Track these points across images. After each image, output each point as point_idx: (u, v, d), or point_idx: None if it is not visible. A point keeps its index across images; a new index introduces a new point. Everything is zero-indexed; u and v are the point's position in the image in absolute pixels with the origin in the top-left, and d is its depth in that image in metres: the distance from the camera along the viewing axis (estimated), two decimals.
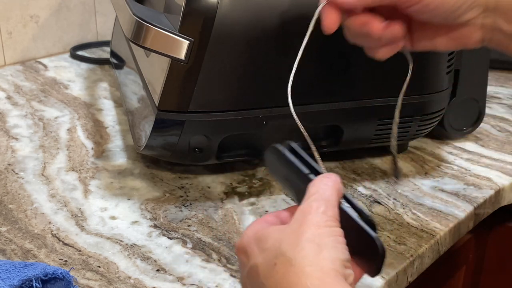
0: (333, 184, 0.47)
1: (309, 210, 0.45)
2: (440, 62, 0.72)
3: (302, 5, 0.65)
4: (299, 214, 0.45)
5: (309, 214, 0.45)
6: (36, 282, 0.51)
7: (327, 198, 0.46)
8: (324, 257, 0.43)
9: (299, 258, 0.43)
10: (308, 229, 0.44)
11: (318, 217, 0.45)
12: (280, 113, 0.68)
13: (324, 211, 0.45)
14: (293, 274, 0.43)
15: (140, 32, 0.63)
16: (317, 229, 0.44)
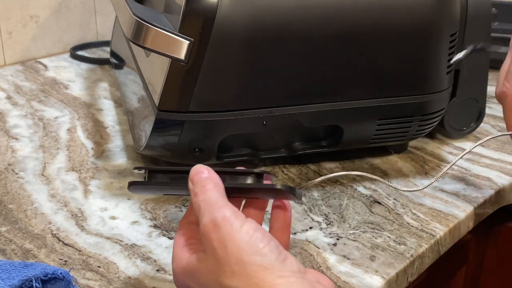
0: (212, 186, 0.48)
1: (209, 230, 0.46)
2: (440, 62, 0.72)
3: (302, 5, 0.65)
4: (207, 241, 0.46)
5: (214, 234, 0.45)
6: (36, 282, 0.51)
7: (211, 202, 0.47)
8: (253, 267, 0.44)
9: (243, 283, 0.44)
10: (225, 250, 0.45)
11: (224, 232, 0.45)
12: (280, 113, 0.68)
13: (223, 219, 0.46)
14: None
15: (140, 32, 0.63)
16: (234, 243, 0.45)
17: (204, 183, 0.48)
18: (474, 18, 0.76)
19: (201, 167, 0.49)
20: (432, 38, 0.70)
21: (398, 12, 0.68)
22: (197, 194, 0.48)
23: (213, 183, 0.48)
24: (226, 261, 0.45)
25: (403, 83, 0.71)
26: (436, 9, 0.70)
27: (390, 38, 0.69)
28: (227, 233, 0.45)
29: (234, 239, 0.45)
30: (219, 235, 0.45)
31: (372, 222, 0.66)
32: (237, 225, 0.45)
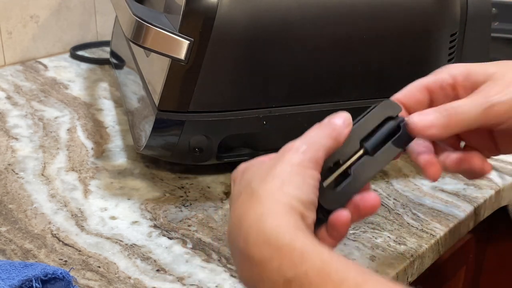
0: (330, 132, 0.47)
1: (290, 148, 0.45)
2: (440, 62, 0.72)
3: (302, 5, 0.65)
4: (281, 151, 0.45)
5: (288, 152, 0.45)
6: (36, 282, 0.51)
7: (314, 140, 0.46)
8: (284, 191, 0.43)
9: (261, 190, 0.43)
10: (280, 165, 0.44)
11: (295, 156, 0.45)
12: (280, 113, 0.68)
13: (304, 152, 0.45)
14: (250, 202, 0.42)
15: (140, 32, 0.63)
16: (288, 166, 0.44)
17: (332, 131, 0.47)
18: (474, 18, 0.76)
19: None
20: (432, 38, 0.70)
21: (398, 12, 0.68)
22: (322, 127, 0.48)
23: (334, 138, 0.47)
24: (270, 168, 0.44)
25: (403, 83, 0.71)
26: (436, 9, 0.70)
27: (390, 38, 0.69)
28: (291, 161, 0.44)
29: (291, 171, 0.44)
30: (289, 157, 0.45)
31: (372, 222, 0.66)
32: (308, 171, 0.44)
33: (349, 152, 0.49)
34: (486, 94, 0.50)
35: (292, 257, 0.38)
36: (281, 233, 0.40)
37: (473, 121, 0.50)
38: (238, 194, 0.45)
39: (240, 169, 0.48)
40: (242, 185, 0.45)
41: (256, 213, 0.41)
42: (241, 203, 0.43)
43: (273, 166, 0.44)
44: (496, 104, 0.49)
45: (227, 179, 0.74)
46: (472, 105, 0.50)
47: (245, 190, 0.44)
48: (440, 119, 0.49)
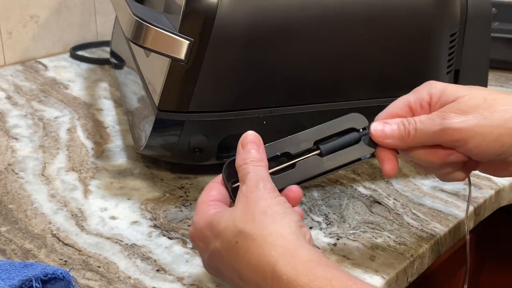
0: (258, 162, 0.52)
1: (250, 190, 0.49)
2: (440, 62, 0.72)
3: (302, 5, 0.65)
4: (242, 196, 0.49)
5: (251, 193, 0.49)
6: (36, 282, 0.51)
7: (260, 175, 0.50)
8: (280, 223, 0.47)
9: (258, 231, 0.46)
10: (256, 204, 0.48)
11: (260, 193, 0.49)
12: (280, 113, 0.68)
13: (264, 186, 0.49)
14: (257, 246, 0.46)
15: (140, 32, 0.63)
16: (264, 202, 0.48)
17: (259, 161, 0.52)
18: (474, 18, 0.76)
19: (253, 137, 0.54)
20: (432, 38, 0.70)
21: (398, 12, 0.68)
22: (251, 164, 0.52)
23: (264, 165, 0.52)
24: (249, 211, 0.47)
25: (403, 83, 0.71)
26: (436, 9, 0.70)
27: (390, 38, 0.69)
28: (262, 198, 0.48)
29: (270, 204, 0.48)
30: (257, 196, 0.48)
31: (372, 222, 0.66)
32: (279, 198, 0.49)
33: (301, 148, 0.54)
34: (444, 115, 0.52)
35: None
36: (300, 274, 0.43)
37: (429, 139, 0.53)
38: (230, 244, 0.47)
39: (201, 228, 0.50)
40: (227, 235, 0.48)
41: (269, 255, 0.45)
42: (245, 250, 0.46)
43: (250, 208, 0.48)
44: (449, 128, 0.51)
45: None
46: (429, 123, 0.52)
47: (239, 237, 0.47)
48: (395, 132, 0.54)
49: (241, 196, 0.49)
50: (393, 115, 0.56)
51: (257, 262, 0.45)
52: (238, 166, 0.52)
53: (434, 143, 0.53)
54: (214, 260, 0.50)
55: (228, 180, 0.53)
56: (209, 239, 0.49)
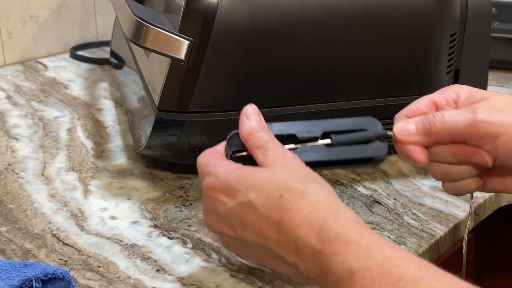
0: (269, 132, 0.51)
1: (281, 155, 0.49)
2: (440, 62, 0.72)
3: (302, 5, 0.65)
4: (274, 160, 0.49)
5: (285, 158, 0.49)
6: (36, 282, 0.51)
7: (279, 144, 0.51)
8: (327, 188, 0.48)
9: (308, 189, 0.47)
10: (298, 168, 0.49)
11: (295, 161, 0.50)
12: (280, 113, 0.68)
13: (293, 156, 0.50)
14: (307, 202, 0.46)
15: (140, 32, 0.63)
16: (304, 169, 0.49)
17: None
18: (474, 18, 0.76)
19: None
20: (432, 38, 0.70)
21: (398, 12, 0.68)
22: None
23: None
24: (295, 172, 0.48)
25: (403, 83, 0.71)
26: (436, 9, 0.70)
27: (390, 38, 0.69)
28: (299, 163, 0.50)
29: (310, 173, 0.49)
30: (293, 162, 0.49)
31: (372, 222, 0.66)
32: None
33: (310, 134, 0.53)
34: (475, 110, 0.52)
35: (358, 253, 0.42)
36: (348, 231, 0.44)
37: (457, 132, 0.52)
38: (272, 197, 0.47)
39: (227, 179, 0.49)
40: (266, 189, 0.47)
41: (324, 212, 0.45)
42: (293, 204, 0.46)
43: (292, 169, 0.49)
44: (480, 121, 0.51)
45: None
46: (459, 116, 0.52)
47: (286, 192, 0.47)
48: (420, 128, 0.53)
49: (271, 160, 0.49)
50: (416, 111, 0.55)
51: (305, 216, 0.45)
52: (248, 134, 0.51)
53: (463, 137, 0.52)
54: (239, 213, 0.48)
55: (230, 149, 0.52)
56: (237, 191, 0.48)
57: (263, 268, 0.58)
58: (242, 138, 0.51)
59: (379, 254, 0.42)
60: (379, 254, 0.42)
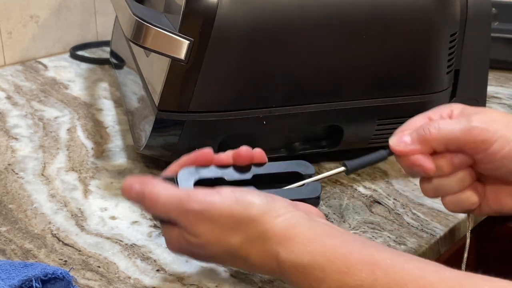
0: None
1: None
2: (440, 62, 0.72)
3: (302, 5, 0.65)
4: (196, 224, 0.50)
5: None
6: (36, 282, 0.51)
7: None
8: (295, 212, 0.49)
9: (248, 232, 0.48)
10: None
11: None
12: (280, 113, 0.68)
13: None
14: (255, 246, 0.48)
15: (140, 32, 0.63)
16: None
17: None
18: (474, 18, 0.76)
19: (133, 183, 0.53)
20: (432, 38, 0.70)
21: (398, 12, 0.68)
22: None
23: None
24: (224, 227, 0.48)
25: (403, 83, 0.71)
26: (436, 9, 0.70)
27: (390, 38, 0.69)
28: (213, 209, 0.49)
29: (221, 207, 0.48)
30: (207, 215, 0.49)
31: (372, 222, 0.66)
32: (214, 197, 0.49)
33: (241, 176, 0.55)
34: (470, 118, 0.53)
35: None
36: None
37: (453, 138, 0.52)
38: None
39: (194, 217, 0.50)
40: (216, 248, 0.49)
41: (276, 244, 0.47)
42: (247, 255, 0.49)
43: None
44: (475, 127, 0.51)
45: None
46: (455, 124, 0.53)
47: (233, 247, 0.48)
48: (415, 137, 0.54)
49: (198, 225, 0.50)
50: (413, 124, 0.56)
51: (261, 260, 0.47)
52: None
53: (458, 144, 0.52)
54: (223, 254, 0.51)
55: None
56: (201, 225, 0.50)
57: None
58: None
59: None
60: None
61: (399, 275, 0.42)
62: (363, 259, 0.43)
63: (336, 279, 0.44)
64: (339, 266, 0.44)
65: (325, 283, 0.44)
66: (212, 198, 0.49)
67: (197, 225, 0.49)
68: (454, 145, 0.53)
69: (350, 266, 0.43)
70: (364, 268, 0.43)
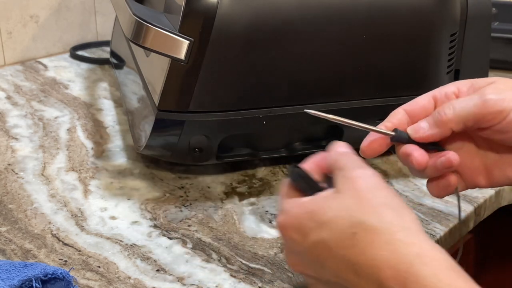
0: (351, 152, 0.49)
1: (357, 175, 0.46)
2: (440, 62, 0.72)
3: (302, 5, 0.65)
4: (346, 182, 0.46)
5: (360, 179, 0.45)
6: (36, 282, 0.51)
7: (360, 163, 0.47)
8: (407, 219, 0.43)
9: (383, 224, 0.43)
10: (372, 194, 0.44)
11: (372, 181, 0.46)
12: (280, 113, 0.68)
13: (372, 174, 0.46)
14: (385, 241, 0.42)
15: (140, 32, 0.63)
16: (381, 191, 0.45)
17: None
18: (474, 18, 0.76)
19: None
20: (432, 38, 0.70)
21: (398, 12, 0.68)
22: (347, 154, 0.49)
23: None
24: (367, 200, 0.44)
25: (403, 83, 0.71)
26: (436, 9, 0.70)
27: (390, 38, 0.69)
28: (376, 187, 0.45)
29: (388, 196, 0.45)
30: (369, 184, 0.45)
31: None
32: (390, 189, 0.46)
33: None
34: (483, 92, 0.52)
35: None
36: (440, 280, 0.41)
37: (469, 115, 0.51)
38: (345, 234, 0.43)
39: (297, 216, 0.46)
40: (339, 225, 0.44)
41: (409, 254, 0.41)
42: (367, 243, 0.42)
43: (366, 197, 0.44)
44: (490, 99, 0.51)
45: (227, 179, 0.74)
46: (468, 99, 0.52)
47: (359, 228, 0.43)
48: (431, 122, 0.53)
49: (343, 182, 0.46)
50: (415, 104, 0.55)
51: (386, 258, 0.41)
52: (338, 154, 0.49)
53: (475, 120, 0.51)
54: (315, 253, 0.45)
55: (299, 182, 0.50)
56: (309, 229, 0.45)
57: (263, 268, 0.58)
58: (329, 156, 0.50)
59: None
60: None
61: None
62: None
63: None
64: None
65: None
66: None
67: (355, 181, 0.46)
68: (471, 121, 0.52)
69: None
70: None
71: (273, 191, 0.72)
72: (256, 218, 0.66)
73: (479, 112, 0.51)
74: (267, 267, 0.59)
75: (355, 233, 0.43)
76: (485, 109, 0.51)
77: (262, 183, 0.73)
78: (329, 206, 0.45)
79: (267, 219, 0.66)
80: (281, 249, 0.61)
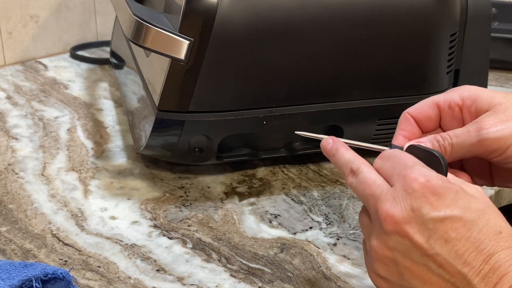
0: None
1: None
2: (440, 62, 0.72)
3: (302, 5, 0.65)
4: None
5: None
6: (36, 282, 0.51)
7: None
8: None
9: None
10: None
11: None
12: (280, 113, 0.68)
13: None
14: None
15: (140, 32, 0.63)
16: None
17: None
18: (474, 18, 0.76)
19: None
20: (432, 38, 0.70)
21: (398, 12, 0.68)
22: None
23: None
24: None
25: (403, 83, 0.71)
26: (436, 9, 0.70)
27: (390, 38, 0.69)
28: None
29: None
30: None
31: None
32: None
33: None
34: (481, 125, 0.52)
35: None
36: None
37: (465, 152, 0.52)
38: (489, 224, 0.44)
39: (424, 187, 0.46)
40: (492, 218, 0.45)
41: None
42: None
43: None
44: (487, 139, 0.51)
45: (227, 179, 0.74)
46: (463, 137, 0.52)
47: (508, 230, 0.44)
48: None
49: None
50: (421, 110, 0.55)
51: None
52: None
53: (472, 155, 0.52)
54: (444, 227, 0.44)
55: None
56: (450, 200, 0.45)
57: (263, 268, 0.58)
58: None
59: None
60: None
61: None
62: None
63: None
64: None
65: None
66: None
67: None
68: (468, 156, 0.53)
69: None
70: None
71: (273, 191, 0.72)
72: (256, 218, 0.66)
73: (477, 150, 0.52)
74: (267, 267, 0.59)
75: (501, 232, 0.44)
76: (483, 148, 0.51)
77: (262, 183, 0.73)
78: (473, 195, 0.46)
79: (267, 219, 0.66)
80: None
